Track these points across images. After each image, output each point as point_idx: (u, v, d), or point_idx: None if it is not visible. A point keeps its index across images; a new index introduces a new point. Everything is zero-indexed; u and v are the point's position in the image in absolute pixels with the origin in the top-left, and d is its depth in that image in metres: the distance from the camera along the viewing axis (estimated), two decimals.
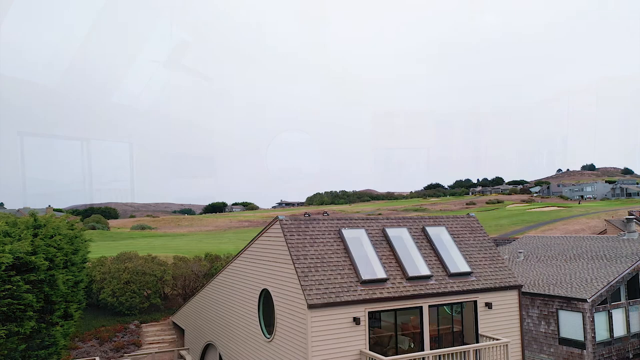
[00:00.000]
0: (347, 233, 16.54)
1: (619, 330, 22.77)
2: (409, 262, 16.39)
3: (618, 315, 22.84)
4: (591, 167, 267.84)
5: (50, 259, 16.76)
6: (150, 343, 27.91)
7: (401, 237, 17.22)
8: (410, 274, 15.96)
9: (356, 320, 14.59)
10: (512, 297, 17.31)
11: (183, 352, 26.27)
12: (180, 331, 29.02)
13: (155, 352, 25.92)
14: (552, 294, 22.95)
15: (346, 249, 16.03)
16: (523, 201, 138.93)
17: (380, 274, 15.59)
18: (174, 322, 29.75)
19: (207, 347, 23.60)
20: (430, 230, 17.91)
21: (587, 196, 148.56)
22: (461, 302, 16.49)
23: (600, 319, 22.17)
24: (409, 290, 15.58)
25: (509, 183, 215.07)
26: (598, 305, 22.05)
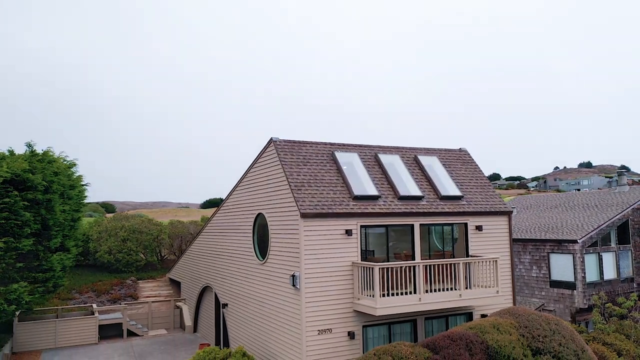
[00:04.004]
0: (340, 156, 16.83)
1: (609, 273, 23.11)
2: (401, 184, 16.69)
3: (608, 259, 23.18)
4: (588, 165, 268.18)
5: (48, 183, 17.01)
6: (147, 297, 28.14)
7: (393, 163, 17.52)
8: (402, 193, 16.26)
9: (348, 232, 14.88)
10: (503, 222, 17.62)
11: (179, 303, 26.52)
12: (176, 287, 29.26)
13: (152, 302, 26.17)
14: (544, 238, 23.28)
15: (339, 169, 16.32)
16: (520, 195, 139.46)
17: (372, 191, 15.88)
18: (170, 279, 30.01)
19: (203, 292, 23.85)
20: (423, 159, 18.22)
21: (584, 189, 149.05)
22: (452, 224, 16.80)
23: (591, 260, 22.50)
24: (400, 208, 15.87)
25: (507, 179, 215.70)
26: (588, 247, 22.38)
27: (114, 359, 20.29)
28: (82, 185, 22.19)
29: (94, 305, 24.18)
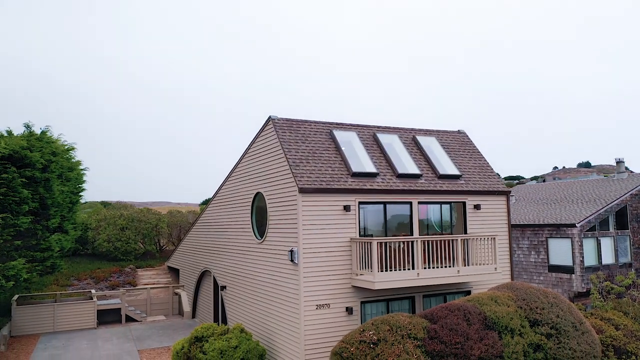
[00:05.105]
0: (338, 134, 16.84)
1: (607, 258, 23.12)
2: (399, 162, 16.70)
3: (606, 244, 23.20)
4: (587, 165, 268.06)
5: (47, 162, 17.01)
6: (146, 284, 28.12)
7: (392, 143, 17.53)
8: (400, 171, 16.26)
9: (346, 208, 14.87)
10: (501, 201, 17.64)
11: (178, 290, 26.52)
12: (175, 275, 29.25)
13: (151, 288, 26.15)
14: (542, 223, 23.29)
15: (337, 148, 16.32)
16: None
17: (371, 168, 15.89)
18: (169, 267, 30.00)
19: (202, 277, 23.85)
20: (421, 140, 18.23)
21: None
22: (450, 202, 16.81)
23: (589, 245, 22.52)
24: (398, 186, 15.88)
25: (506, 178, 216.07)
26: (587, 231, 22.40)
27: (112, 341, 20.27)
28: (81, 169, 22.20)
29: (93, 291, 24.16)
